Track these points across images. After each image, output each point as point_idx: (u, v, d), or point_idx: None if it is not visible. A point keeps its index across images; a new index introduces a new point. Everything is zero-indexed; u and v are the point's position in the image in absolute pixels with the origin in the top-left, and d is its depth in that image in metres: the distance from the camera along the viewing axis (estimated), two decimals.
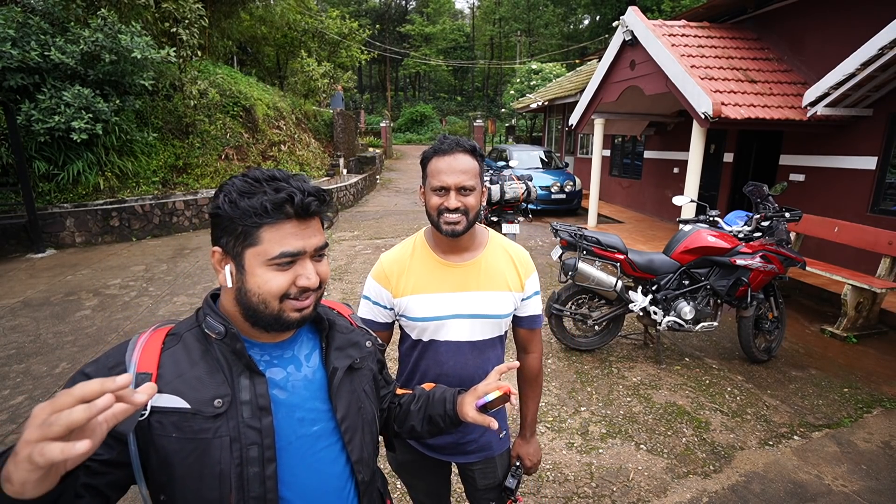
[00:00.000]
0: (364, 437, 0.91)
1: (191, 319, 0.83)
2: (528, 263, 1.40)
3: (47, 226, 6.84)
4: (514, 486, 1.42)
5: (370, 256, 6.76)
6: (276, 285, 0.76)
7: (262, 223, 0.75)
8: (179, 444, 0.72)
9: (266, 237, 0.75)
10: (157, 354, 0.75)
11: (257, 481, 0.75)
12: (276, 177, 0.78)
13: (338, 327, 0.93)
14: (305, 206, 0.76)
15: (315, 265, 0.81)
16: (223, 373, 0.77)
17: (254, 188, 0.76)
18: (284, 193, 0.75)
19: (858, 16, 5.73)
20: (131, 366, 0.73)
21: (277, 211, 0.75)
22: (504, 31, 40.72)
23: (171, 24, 8.51)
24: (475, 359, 1.34)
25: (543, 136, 17.58)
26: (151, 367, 0.74)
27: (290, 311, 0.79)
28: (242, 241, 0.76)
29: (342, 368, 0.88)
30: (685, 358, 3.95)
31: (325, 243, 0.82)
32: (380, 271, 1.35)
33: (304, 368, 0.86)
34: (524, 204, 5.93)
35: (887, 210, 5.47)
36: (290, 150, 11.44)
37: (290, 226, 0.76)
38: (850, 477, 2.59)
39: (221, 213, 0.76)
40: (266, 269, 0.76)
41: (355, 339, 0.94)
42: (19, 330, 4.23)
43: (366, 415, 0.92)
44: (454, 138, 1.25)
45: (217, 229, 0.78)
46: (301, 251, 0.77)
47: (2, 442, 2.74)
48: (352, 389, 0.90)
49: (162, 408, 0.72)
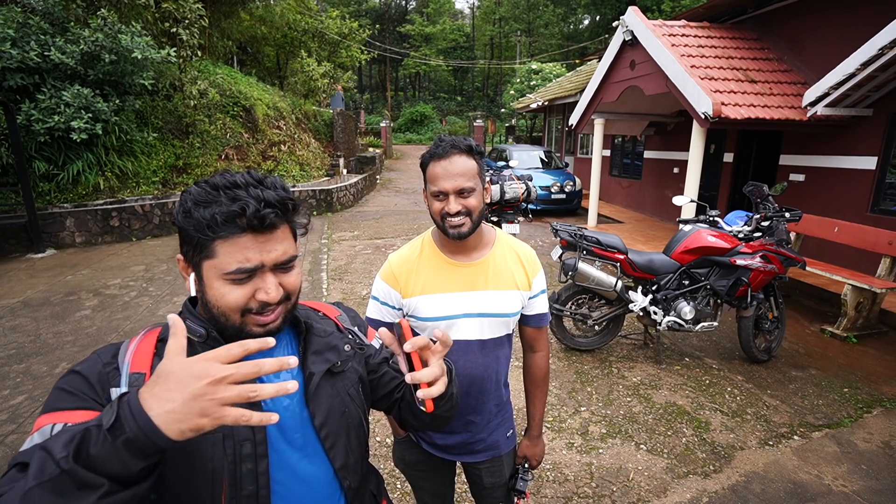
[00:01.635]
0: (350, 443, 0.88)
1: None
2: (534, 262, 1.40)
3: (47, 226, 6.85)
4: (524, 487, 1.44)
5: (370, 256, 6.76)
6: (234, 300, 0.73)
7: (215, 237, 0.71)
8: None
9: (221, 251, 0.71)
10: (150, 356, 0.74)
11: (250, 478, 0.74)
12: (236, 183, 0.73)
13: (315, 331, 0.89)
14: (261, 218, 0.71)
15: (281, 277, 0.77)
16: None
17: (210, 197, 0.71)
18: (237, 206, 0.70)
19: (858, 16, 5.73)
20: (124, 366, 0.72)
21: (229, 224, 0.70)
22: (504, 31, 40.73)
23: (171, 24, 8.50)
24: (484, 358, 1.34)
25: (543, 136, 17.58)
26: (145, 367, 0.72)
27: (253, 325, 0.76)
28: (199, 253, 0.73)
29: (319, 373, 0.85)
30: (685, 358, 3.95)
31: (290, 256, 0.77)
32: (388, 272, 1.35)
33: (282, 374, 0.82)
34: (524, 204, 5.93)
35: (887, 210, 5.47)
36: (290, 150, 11.44)
37: (245, 239, 0.72)
38: (850, 477, 2.59)
39: (177, 222, 0.74)
40: (223, 282, 0.73)
41: (333, 343, 0.91)
42: (19, 330, 4.23)
43: (351, 419, 0.89)
44: (450, 139, 1.23)
45: (181, 237, 0.76)
46: (258, 266, 0.73)
47: (2, 442, 2.74)
48: (333, 394, 0.87)
49: None
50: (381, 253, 6.96)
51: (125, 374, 0.71)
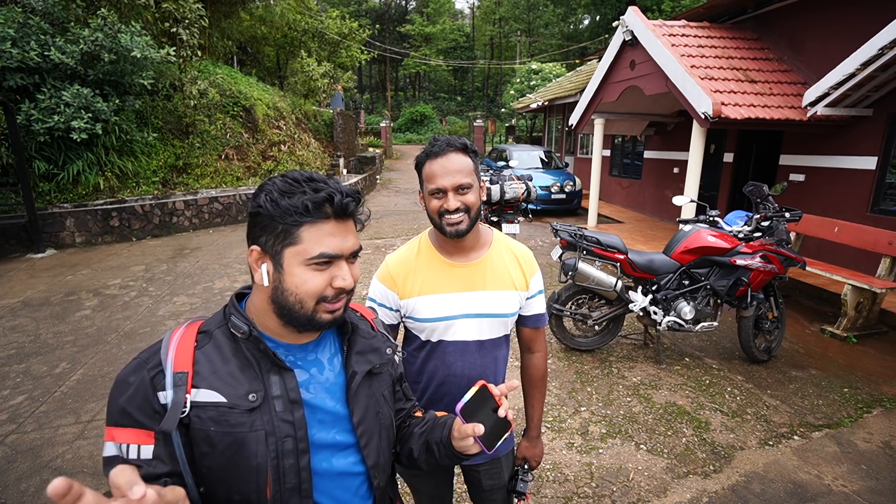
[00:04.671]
0: (381, 443, 0.91)
1: (219, 316, 0.84)
2: (531, 262, 1.40)
3: (47, 226, 6.84)
4: (524, 489, 1.44)
5: (370, 256, 6.76)
6: (314, 286, 0.78)
7: (303, 222, 0.76)
8: (218, 437, 0.74)
9: (306, 236, 0.76)
10: (191, 352, 0.77)
11: (293, 472, 0.78)
12: (314, 178, 0.79)
13: (360, 332, 0.93)
14: (344, 206, 0.78)
15: (349, 267, 0.82)
16: (254, 369, 0.78)
17: (293, 188, 0.77)
18: (324, 193, 0.76)
19: (858, 16, 5.73)
20: (168, 366, 0.75)
21: (318, 210, 0.76)
22: (504, 31, 40.74)
23: (171, 24, 8.50)
24: (482, 358, 1.34)
25: (543, 136, 17.57)
26: (187, 365, 0.75)
27: (324, 312, 0.80)
28: (282, 240, 0.77)
29: (361, 373, 0.88)
30: (685, 358, 3.95)
31: (360, 246, 0.84)
32: (385, 273, 1.34)
33: (326, 372, 0.87)
34: (524, 204, 5.93)
35: (887, 210, 5.47)
36: (290, 150, 11.43)
37: (329, 226, 0.78)
38: (850, 477, 2.59)
39: (263, 211, 0.76)
40: (305, 268, 0.77)
41: (376, 345, 0.94)
42: (19, 330, 4.22)
43: (383, 419, 0.92)
44: (444, 139, 1.25)
45: (256, 228, 0.79)
46: (339, 253, 0.79)
47: (2, 442, 2.74)
48: (370, 394, 0.90)
49: (200, 402, 0.74)
50: (381, 253, 6.96)
51: (169, 375, 0.74)
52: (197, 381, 0.75)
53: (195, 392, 0.74)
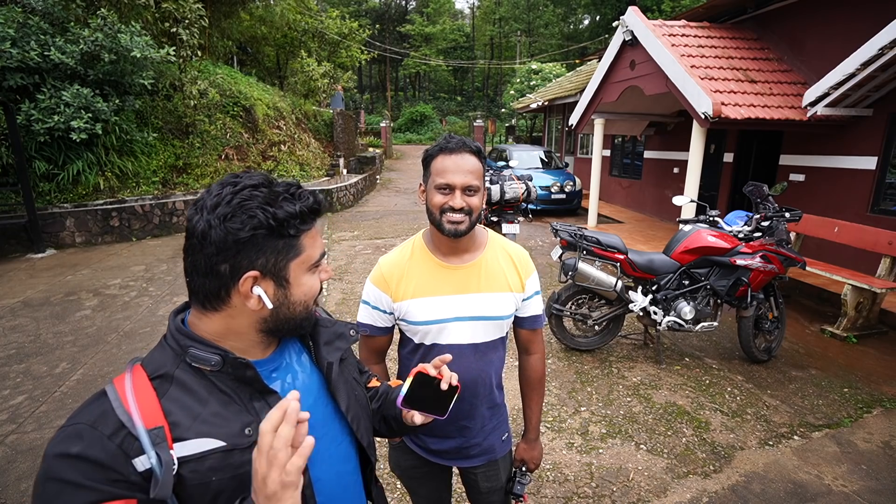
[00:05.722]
0: (366, 423, 0.93)
1: (166, 353, 0.73)
2: (527, 263, 1.39)
3: (47, 226, 6.84)
4: (521, 490, 1.43)
5: (370, 256, 6.76)
6: (317, 287, 0.80)
7: (303, 230, 0.74)
8: (222, 484, 0.68)
9: (306, 243, 0.75)
10: (155, 402, 0.67)
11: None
12: (272, 181, 0.74)
13: (321, 322, 0.90)
14: (321, 204, 0.79)
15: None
16: (235, 402, 0.72)
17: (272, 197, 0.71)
18: (310, 197, 0.75)
19: (858, 16, 5.73)
20: (137, 425, 0.64)
21: (314, 215, 0.76)
22: (504, 31, 40.73)
23: (171, 24, 8.50)
24: (477, 361, 1.32)
25: (543, 136, 17.57)
26: (159, 419, 0.66)
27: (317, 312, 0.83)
28: (286, 254, 0.73)
29: (336, 361, 0.88)
30: (685, 358, 3.95)
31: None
32: (378, 276, 1.33)
33: (299, 375, 0.85)
34: (524, 204, 5.93)
35: (887, 210, 5.47)
36: (290, 150, 11.43)
37: (316, 226, 0.79)
38: (850, 477, 2.59)
39: (263, 230, 0.69)
40: (309, 274, 0.77)
41: (340, 331, 0.92)
42: (19, 330, 4.22)
43: (361, 400, 0.94)
44: (460, 138, 1.23)
45: (251, 252, 0.70)
46: (324, 252, 0.81)
47: (2, 442, 2.74)
48: (346, 379, 0.90)
49: (193, 455, 0.67)
50: (380, 253, 6.95)
51: (143, 435, 0.64)
52: (179, 433, 0.66)
53: (179, 446, 0.66)
